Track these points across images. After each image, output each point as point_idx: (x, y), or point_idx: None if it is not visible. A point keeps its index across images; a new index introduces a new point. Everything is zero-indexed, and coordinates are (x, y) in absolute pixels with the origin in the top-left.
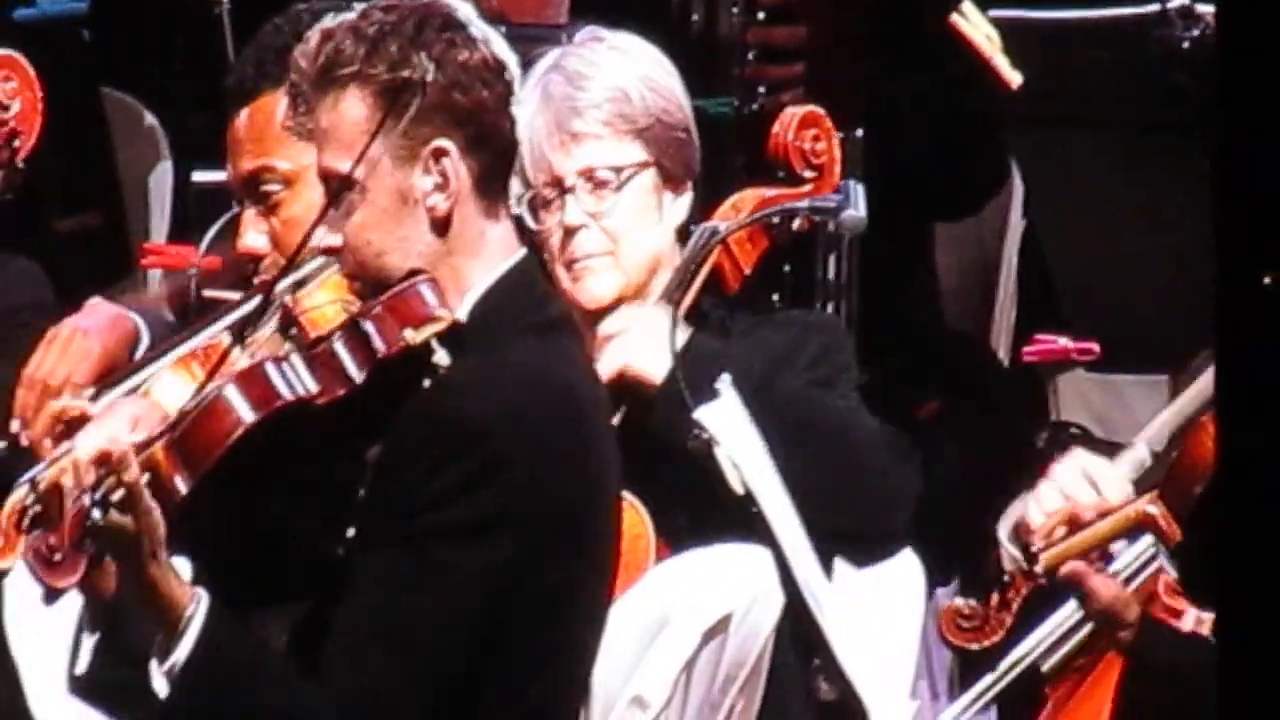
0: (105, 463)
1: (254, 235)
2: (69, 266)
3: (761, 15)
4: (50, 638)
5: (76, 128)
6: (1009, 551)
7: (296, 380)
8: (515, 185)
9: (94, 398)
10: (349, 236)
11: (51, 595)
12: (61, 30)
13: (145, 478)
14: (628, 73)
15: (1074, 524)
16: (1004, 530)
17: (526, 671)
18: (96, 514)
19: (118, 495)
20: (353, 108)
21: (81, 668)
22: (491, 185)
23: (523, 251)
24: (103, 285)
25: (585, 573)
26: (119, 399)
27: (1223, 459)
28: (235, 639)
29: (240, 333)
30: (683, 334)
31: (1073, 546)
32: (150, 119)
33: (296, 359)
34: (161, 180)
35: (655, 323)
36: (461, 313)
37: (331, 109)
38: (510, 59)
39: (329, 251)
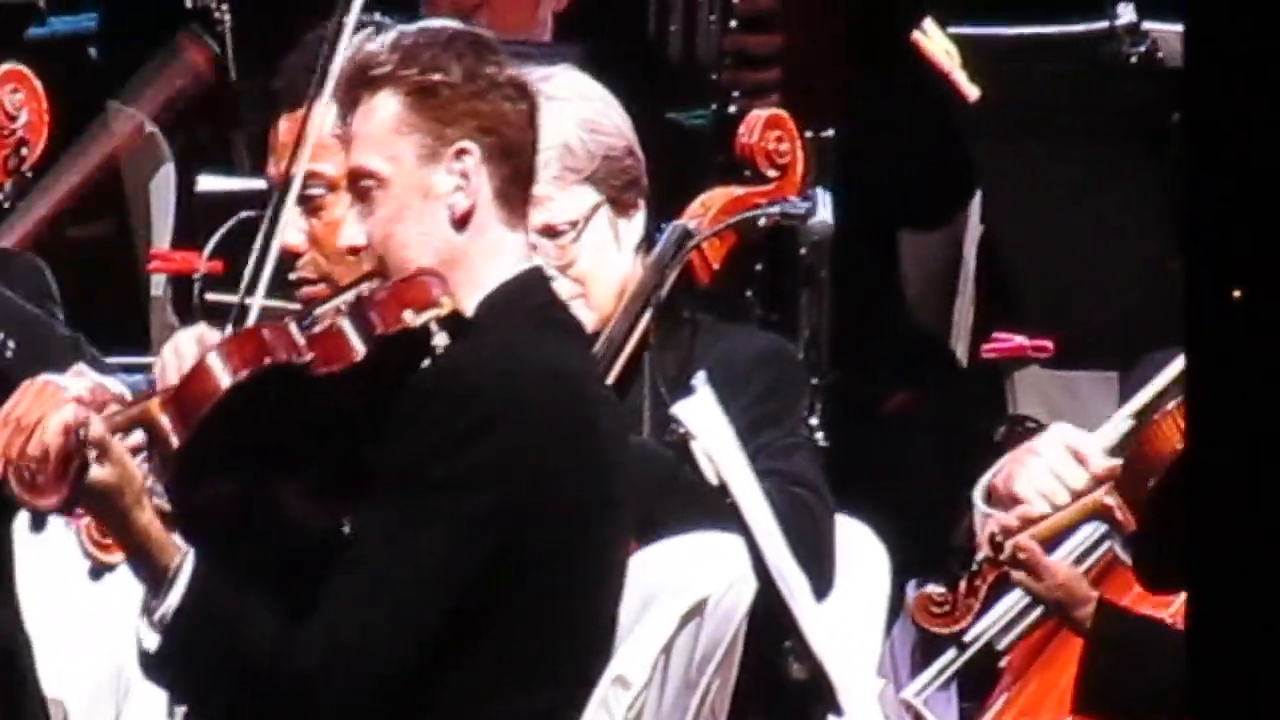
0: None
1: (294, 232)
2: (79, 273)
3: (737, 23)
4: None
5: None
6: (982, 512)
7: (291, 345)
8: None
9: None
10: (372, 230)
11: (37, 520)
12: (71, 47)
13: (138, 432)
14: (565, 122)
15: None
16: (979, 495)
17: (520, 628)
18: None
19: (92, 451)
20: (385, 106)
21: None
22: (511, 196)
23: (535, 262)
24: (112, 290)
25: (582, 544)
26: None
27: (1192, 471)
28: (224, 587)
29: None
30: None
31: (1036, 534)
32: (151, 127)
33: (294, 327)
34: (164, 186)
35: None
36: (469, 308)
37: (365, 108)
38: (532, 86)
39: (353, 251)
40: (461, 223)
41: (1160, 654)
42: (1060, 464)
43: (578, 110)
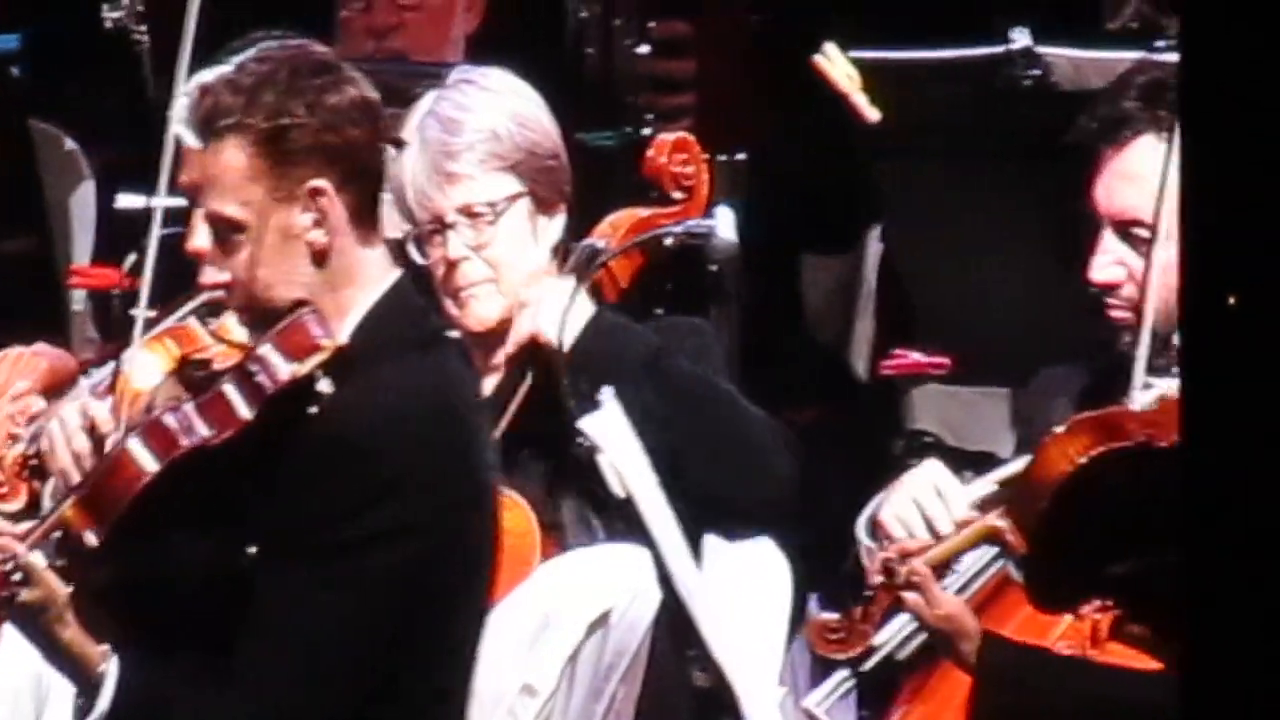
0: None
1: (201, 237)
2: (2, 289)
3: (652, 48)
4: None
5: (6, 158)
6: (865, 545)
7: (192, 427)
8: (402, 221)
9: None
10: (237, 273)
11: None
12: None
13: (57, 535)
14: (497, 112)
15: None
16: (862, 528)
17: (425, 670)
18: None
19: (17, 575)
20: (233, 156)
21: None
22: (366, 216)
23: (398, 273)
24: (33, 306)
25: (475, 572)
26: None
27: (1187, 478)
28: (150, 682)
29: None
30: (590, 307)
31: (929, 559)
32: (70, 144)
33: (189, 407)
34: (84, 203)
35: (565, 294)
36: (344, 336)
37: (214, 159)
38: (376, 95)
39: (218, 287)
40: (322, 256)
41: (1049, 684)
42: (927, 504)
43: (510, 103)
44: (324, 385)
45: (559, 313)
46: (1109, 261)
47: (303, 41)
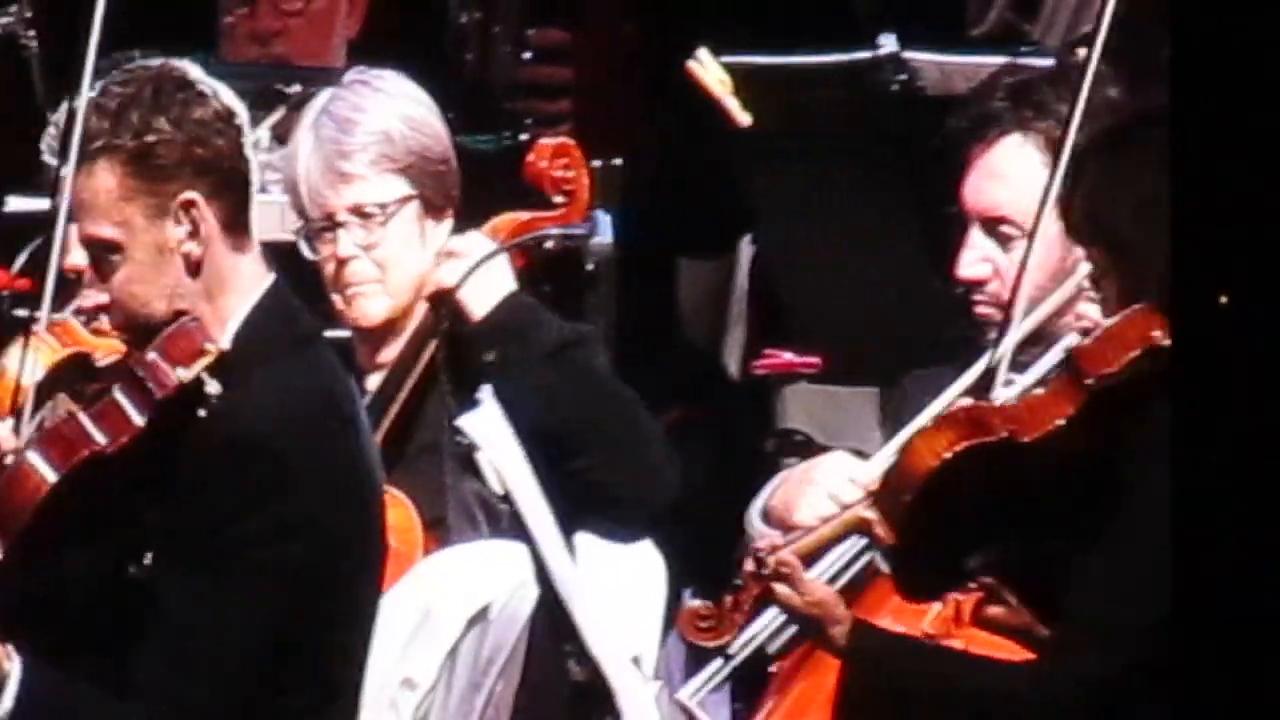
0: None
1: (78, 253)
2: None
3: (531, 55)
4: None
5: None
6: (760, 533)
7: (88, 435)
8: (294, 219)
9: None
10: (115, 292)
11: None
12: None
13: None
14: (390, 114)
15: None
16: (756, 517)
17: (317, 664)
18: None
19: None
20: (104, 179)
21: None
22: (236, 224)
23: (272, 277)
24: None
25: (364, 566)
26: None
27: (1178, 473)
28: (52, 683)
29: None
30: (512, 283)
31: (798, 549)
32: None
33: (83, 416)
34: None
35: (495, 262)
36: (225, 342)
37: (86, 181)
38: (239, 106)
39: (99, 309)
40: (197, 267)
41: (915, 670)
42: (841, 491)
43: (404, 107)
44: (212, 388)
45: (482, 281)
46: (976, 258)
47: (163, 61)
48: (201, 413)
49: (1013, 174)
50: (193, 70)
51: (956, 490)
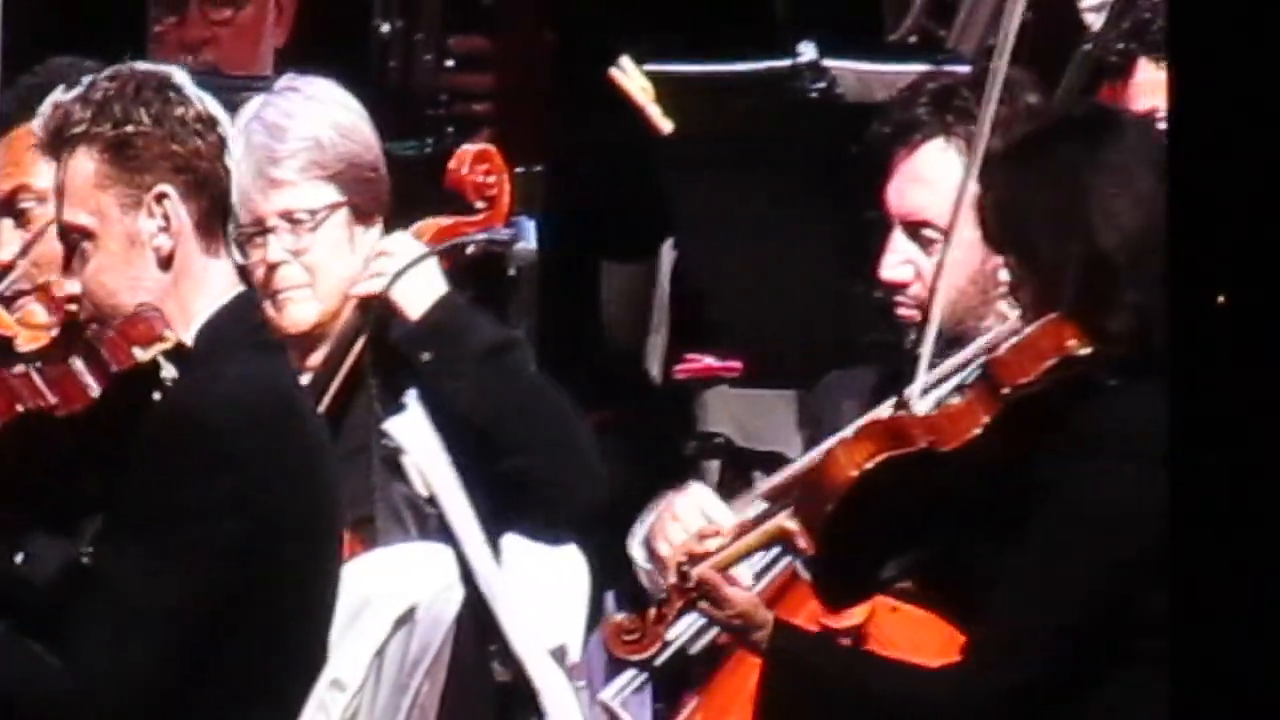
0: None
1: (7, 249)
2: None
3: (453, 62)
4: None
5: None
6: (642, 568)
7: (36, 390)
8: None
9: None
10: (86, 282)
11: None
12: None
13: None
14: (320, 121)
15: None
16: (637, 549)
17: (259, 653)
18: None
19: None
20: (84, 164)
21: None
22: (211, 226)
23: (243, 288)
24: None
25: (313, 564)
26: None
27: (1175, 473)
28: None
29: None
30: (444, 285)
31: (720, 561)
32: None
33: (35, 374)
34: None
35: (427, 264)
36: (187, 338)
37: (64, 168)
38: (222, 115)
39: (70, 299)
40: (167, 261)
41: (835, 673)
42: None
43: (334, 114)
44: (168, 372)
45: (416, 280)
46: (898, 261)
47: (151, 65)
48: (155, 396)
49: (935, 178)
50: (179, 75)
51: (877, 501)
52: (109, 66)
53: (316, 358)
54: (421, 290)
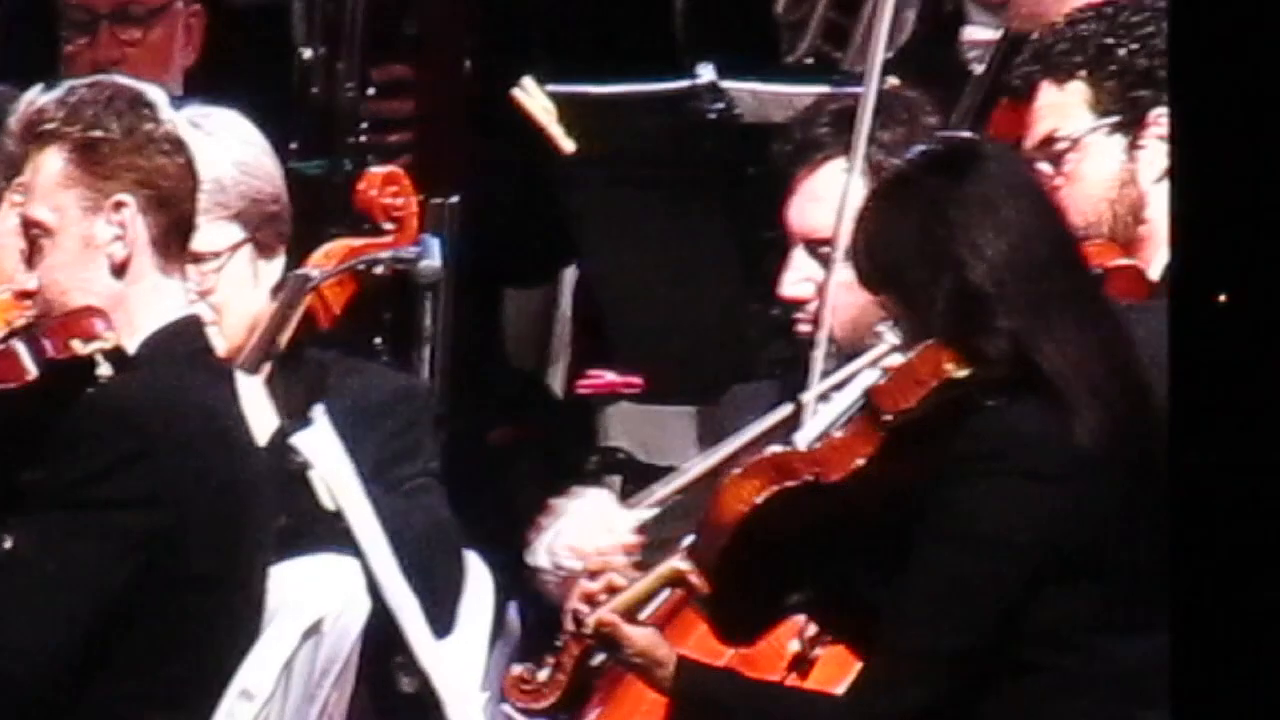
0: None
1: None
2: None
3: (374, 90)
4: None
5: None
6: (545, 577)
7: None
8: None
9: None
10: (40, 277)
11: None
12: None
13: None
14: (221, 161)
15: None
16: (541, 557)
17: (166, 647)
18: None
19: None
20: (52, 162)
21: None
22: (169, 244)
23: (195, 311)
24: None
25: (226, 571)
26: None
27: (1174, 474)
28: None
29: None
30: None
31: (616, 607)
32: None
33: None
34: None
35: (252, 394)
36: (131, 349)
37: (34, 162)
38: (193, 146)
39: (25, 295)
40: (120, 270)
41: (739, 706)
42: (593, 532)
43: (235, 152)
44: (104, 370)
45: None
46: (798, 278)
47: (131, 80)
48: (89, 391)
49: (834, 197)
50: (155, 93)
51: (767, 535)
52: (18, 90)
53: None
54: (256, 422)
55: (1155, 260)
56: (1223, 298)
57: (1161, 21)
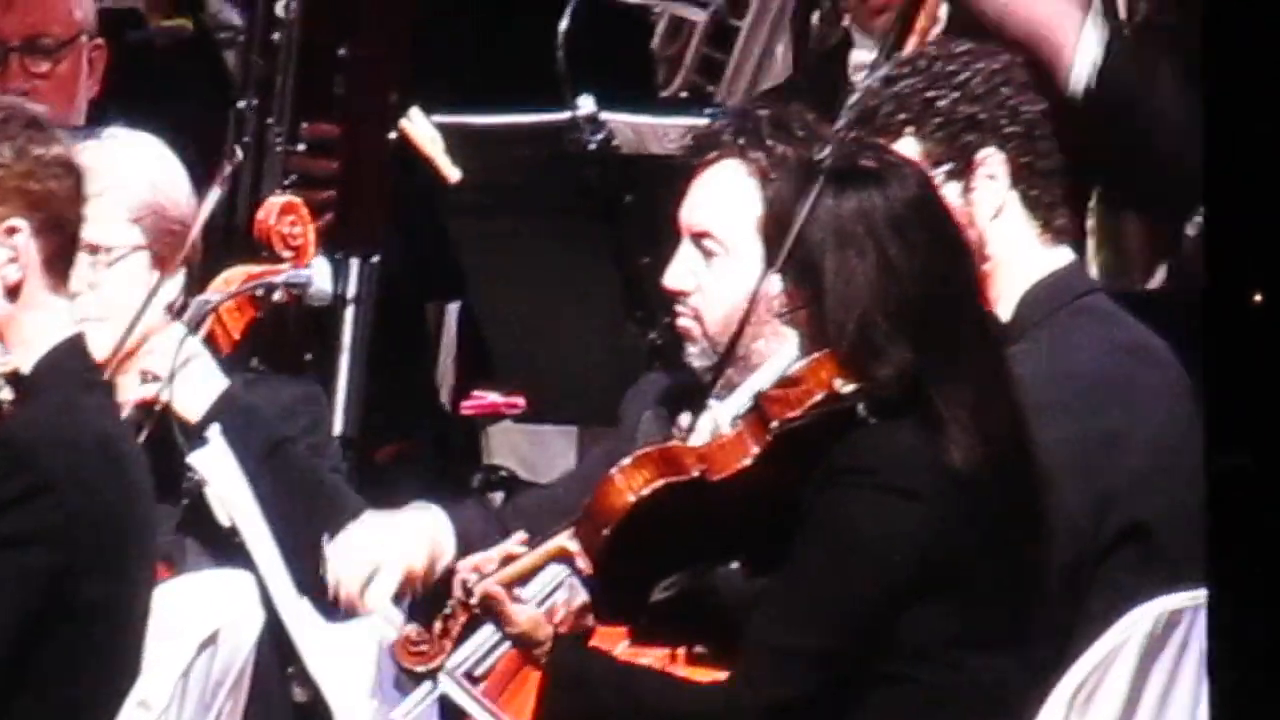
0: None
1: None
2: None
3: (303, 147)
4: None
5: None
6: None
7: None
8: None
9: None
10: None
11: None
12: None
13: None
14: (134, 169)
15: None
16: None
17: (63, 676)
18: None
19: None
20: None
21: None
22: (57, 265)
23: (81, 329)
24: None
25: (121, 594)
26: None
27: (1209, 475)
28: None
29: None
30: (221, 382)
31: (503, 578)
32: None
33: None
34: None
35: (199, 363)
36: (25, 367)
37: None
38: (85, 166)
39: None
40: (13, 293)
41: (611, 688)
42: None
43: (150, 165)
44: (4, 394)
45: (190, 385)
46: (682, 270)
47: (26, 102)
48: None
49: (721, 194)
50: (47, 114)
51: (651, 525)
52: None
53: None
54: (198, 390)
55: (1004, 297)
56: (1258, 298)
57: (976, 64)
